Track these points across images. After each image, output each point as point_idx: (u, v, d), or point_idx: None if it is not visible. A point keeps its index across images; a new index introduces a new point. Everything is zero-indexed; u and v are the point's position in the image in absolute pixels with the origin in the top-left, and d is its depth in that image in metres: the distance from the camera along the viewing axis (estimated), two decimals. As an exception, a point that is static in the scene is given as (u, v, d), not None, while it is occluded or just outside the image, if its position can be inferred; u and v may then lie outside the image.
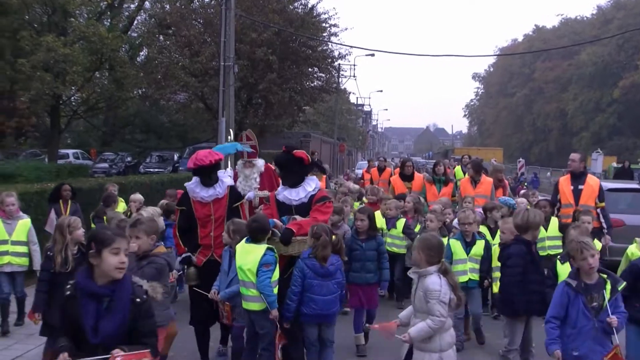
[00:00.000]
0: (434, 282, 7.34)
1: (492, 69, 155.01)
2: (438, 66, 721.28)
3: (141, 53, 46.07)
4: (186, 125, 48.61)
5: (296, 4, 41.81)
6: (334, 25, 42.40)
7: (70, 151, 50.59)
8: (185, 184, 10.44)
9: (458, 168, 21.46)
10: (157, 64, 39.72)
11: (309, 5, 41.86)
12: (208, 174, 10.08)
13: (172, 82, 38.34)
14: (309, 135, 57.06)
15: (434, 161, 20.91)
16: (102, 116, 49.26)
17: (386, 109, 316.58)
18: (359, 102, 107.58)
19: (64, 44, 33.64)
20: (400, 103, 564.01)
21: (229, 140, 12.40)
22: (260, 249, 8.81)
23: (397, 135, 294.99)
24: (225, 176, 10.69)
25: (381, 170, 23.52)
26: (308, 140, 54.48)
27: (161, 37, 42.33)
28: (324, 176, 20.31)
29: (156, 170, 43.48)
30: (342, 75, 57.43)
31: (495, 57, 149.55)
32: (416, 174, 18.88)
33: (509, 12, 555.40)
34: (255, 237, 8.88)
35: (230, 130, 13.86)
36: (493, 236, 12.49)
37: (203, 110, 41.85)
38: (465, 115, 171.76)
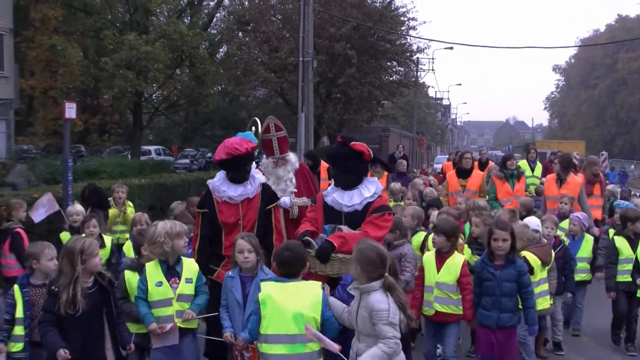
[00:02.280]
0: (380, 300, 6.16)
1: (573, 61, 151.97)
2: (518, 58, 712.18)
3: (221, 50, 46.50)
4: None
5: (374, -2, 41.76)
6: (413, 19, 42.36)
7: (152, 147, 51.42)
8: (209, 182, 8.67)
9: (523, 161, 19.35)
10: (236, 60, 40.05)
11: (387, -1, 41.75)
12: (243, 166, 8.39)
13: (252, 78, 38.66)
14: (388, 129, 56.88)
15: (518, 155, 19.09)
16: (183, 113, 49.92)
17: (465, 103, 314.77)
18: (438, 95, 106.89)
19: (145, 42, 34.16)
20: (479, 96, 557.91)
21: (252, 131, 10.40)
22: (311, 288, 6.51)
23: (476, 128, 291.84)
24: (257, 171, 8.86)
25: (456, 165, 20.19)
26: (387, 134, 54.30)
27: (240, 34, 42.64)
28: (386, 173, 18.28)
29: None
30: (420, 68, 56.96)
31: (576, 48, 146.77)
32: (475, 171, 16.15)
33: (591, 2, 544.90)
34: (289, 271, 6.56)
35: (256, 119, 11.30)
36: (634, 248, 10.88)
37: (282, 105, 42.08)
38: (545, 108, 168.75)
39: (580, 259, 11.41)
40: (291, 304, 6.31)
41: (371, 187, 8.02)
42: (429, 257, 8.63)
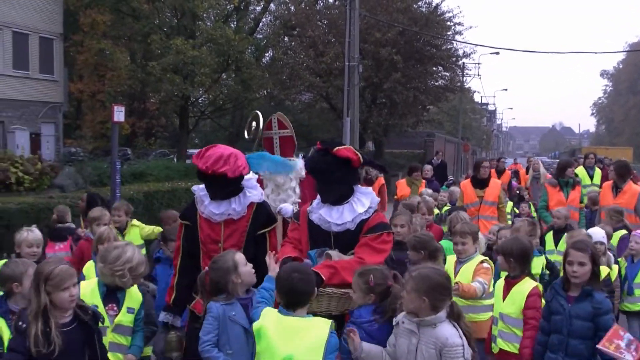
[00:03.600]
0: (452, 334, 5.24)
1: (621, 66, 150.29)
2: (564, 63, 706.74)
3: (267, 54, 46.65)
4: (311, 125, 48.88)
5: (420, 3, 41.72)
6: (459, 24, 42.19)
7: (197, 151, 51.72)
8: (193, 188, 7.07)
9: (581, 168, 17.60)
10: (282, 64, 40.21)
11: (433, 4, 41.67)
12: (221, 188, 6.64)
13: (297, 83, 38.79)
14: (433, 134, 56.63)
15: (560, 160, 17.61)
16: (229, 116, 50.11)
17: (511, 108, 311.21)
18: (484, 101, 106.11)
19: (192, 47, 34.40)
20: (525, 102, 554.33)
21: (251, 128, 9.23)
22: (316, 327, 5.31)
23: (522, 134, 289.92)
24: (254, 185, 7.00)
25: (500, 172, 19.69)
26: (432, 139, 54.11)
27: (286, 38, 42.78)
28: (380, 178, 16.82)
29: (281, 170, 43.99)
30: (466, 74, 56.70)
31: (624, 53, 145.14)
32: (492, 179, 14.10)
33: (639, 7, 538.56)
34: (294, 300, 5.34)
35: (257, 112, 9.69)
36: None
37: (328, 110, 42.14)
38: (592, 114, 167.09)
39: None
40: (284, 344, 5.20)
41: (365, 200, 6.49)
42: (499, 282, 7.25)
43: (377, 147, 45.07)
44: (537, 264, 8.61)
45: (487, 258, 8.14)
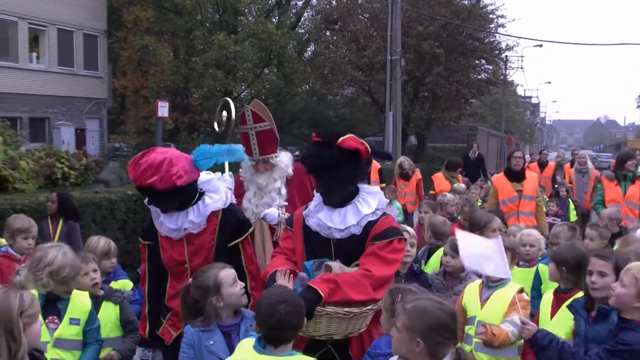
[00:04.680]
0: None
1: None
2: (609, 55, 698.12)
3: (308, 49, 46.70)
4: (353, 120, 48.84)
5: (463, -4, 41.49)
6: (501, 17, 41.97)
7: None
8: (146, 200, 5.77)
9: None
10: (324, 59, 40.20)
11: (476, -3, 41.44)
12: (159, 198, 5.55)
13: (339, 77, 38.77)
14: (476, 128, 56.26)
15: (609, 155, 16.18)
16: (271, 111, 50.20)
17: (555, 101, 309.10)
18: (527, 94, 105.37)
19: (234, 42, 34.58)
20: (569, 95, 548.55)
21: (221, 120, 8.20)
22: None
23: (565, 127, 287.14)
24: (215, 189, 5.87)
25: (543, 165, 18.97)
26: (475, 133, 53.77)
27: (328, 33, 42.78)
28: (417, 172, 16.21)
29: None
30: (509, 67, 56.30)
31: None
32: (528, 172, 12.78)
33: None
34: (277, 336, 4.28)
35: (228, 99, 8.44)
36: None
37: (370, 104, 42.05)
38: (638, 106, 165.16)
39: None
40: None
41: (371, 201, 5.38)
42: (547, 296, 6.07)
43: (419, 141, 44.94)
44: None
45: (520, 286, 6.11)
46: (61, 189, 17.05)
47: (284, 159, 7.57)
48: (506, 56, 50.00)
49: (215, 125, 8.38)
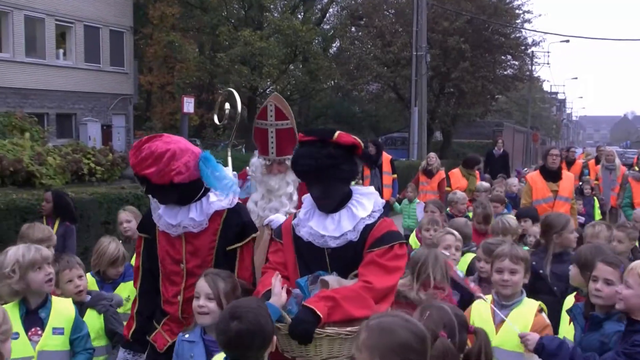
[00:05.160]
0: None
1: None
2: (637, 51, 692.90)
3: (334, 45, 46.72)
4: (378, 116, 48.89)
5: (489, -9, 41.35)
6: (528, 12, 41.83)
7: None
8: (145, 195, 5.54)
9: None
10: (349, 55, 40.22)
11: (502, -8, 41.27)
12: (156, 190, 5.06)
13: (365, 73, 38.74)
14: (502, 124, 56.08)
15: (635, 151, 15.48)
16: (296, 107, 50.24)
17: (581, 97, 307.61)
18: (553, 90, 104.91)
19: (260, 38, 34.67)
20: (596, 90, 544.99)
21: (224, 112, 7.30)
22: None
23: (592, 124, 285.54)
24: (225, 185, 5.12)
25: (570, 163, 18.41)
26: (501, 129, 53.57)
27: (353, 29, 42.77)
28: (441, 172, 15.74)
29: (349, 160, 44.06)
30: (535, 62, 55.95)
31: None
32: (565, 173, 11.83)
33: None
34: (238, 354, 3.96)
35: (232, 90, 7.35)
36: None
37: (395, 100, 42.03)
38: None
39: None
40: None
41: (366, 202, 4.84)
42: (569, 300, 5.81)
43: (444, 137, 44.85)
44: None
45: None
46: (87, 185, 17.16)
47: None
48: (532, 52, 49.81)
49: (216, 119, 7.50)
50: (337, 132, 4.68)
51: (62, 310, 5.17)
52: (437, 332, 3.85)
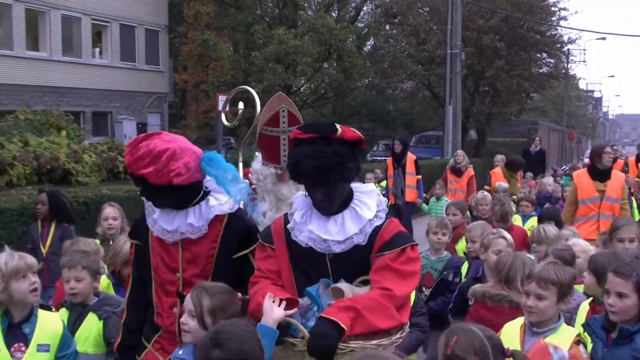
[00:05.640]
0: None
1: None
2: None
3: (368, 43, 46.69)
4: (413, 114, 48.74)
5: (524, -12, 41.10)
6: (563, 9, 41.49)
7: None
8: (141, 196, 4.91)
9: None
10: (383, 53, 40.12)
11: (538, -11, 40.99)
12: (153, 192, 4.61)
13: (399, 71, 38.65)
14: (537, 122, 55.72)
15: None
16: (330, 105, 50.35)
17: (618, 95, 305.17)
18: (589, 88, 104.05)
19: (294, 36, 34.77)
20: (633, 88, 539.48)
21: (227, 114, 6.91)
22: None
23: (629, 122, 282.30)
24: (240, 190, 4.70)
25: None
26: (536, 127, 53.22)
27: (387, 27, 42.67)
28: (470, 169, 15.55)
29: (383, 158, 44.00)
30: (571, 60, 55.57)
31: None
32: (614, 173, 10.87)
33: None
34: None
35: (248, 88, 6.48)
36: None
37: (429, 98, 41.88)
38: None
39: None
40: None
41: (369, 201, 4.32)
42: (584, 307, 5.52)
43: (479, 136, 44.61)
44: None
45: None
46: (123, 182, 17.26)
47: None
48: (568, 49, 49.38)
49: (223, 118, 6.72)
50: (339, 127, 4.16)
51: (48, 325, 4.79)
52: (467, 359, 3.60)
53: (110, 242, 6.97)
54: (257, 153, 5.89)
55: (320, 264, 4.21)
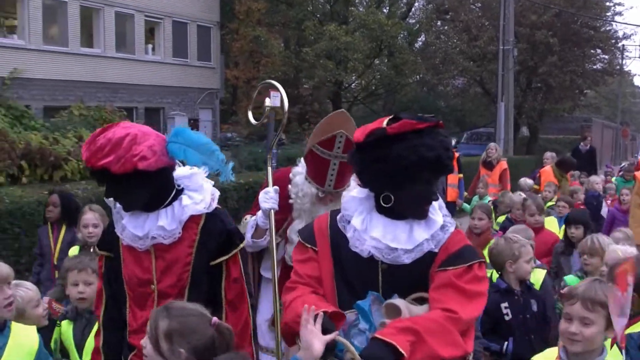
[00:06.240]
0: None
1: None
2: None
3: (419, 39, 46.49)
4: (464, 110, 48.44)
5: (578, -17, 40.65)
6: (618, 4, 41.03)
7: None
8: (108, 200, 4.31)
9: None
10: (435, 49, 39.98)
11: (592, -15, 40.52)
12: (120, 188, 4.09)
13: (450, 67, 38.55)
14: (590, 119, 55.01)
15: None
16: (381, 102, 50.24)
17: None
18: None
19: (345, 32, 34.75)
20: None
21: (263, 111, 5.46)
22: None
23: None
24: (197, 187, 4.29)
25: None
26: (589, 124, 52.61)
27: (439, 23, 42.55)
28: (503, 162, 14.95)
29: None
30: (626, 56, 54.76)
31: None
32: None
33: None
34: None
35: (274, 82, 5.36)
36: None
37: (481, 95, 41.64)
38: None
39: None
40: None
41: (436, 203, 3.72)
42: None
43: (531, 133, 44.24)
44: None
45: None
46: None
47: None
48: (623, 45, 48.73)
49: (250, 116, 5.86)
50: (390, 118, 3.65)
51: (22, 340, 4.29)
52: None
53: (92, 250, 6.21)
54: (301, 161, 5.42)
55: (371, 275, 3.61)
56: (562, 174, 14.19)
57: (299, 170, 5.34)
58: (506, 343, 5.72)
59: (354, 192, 3.85)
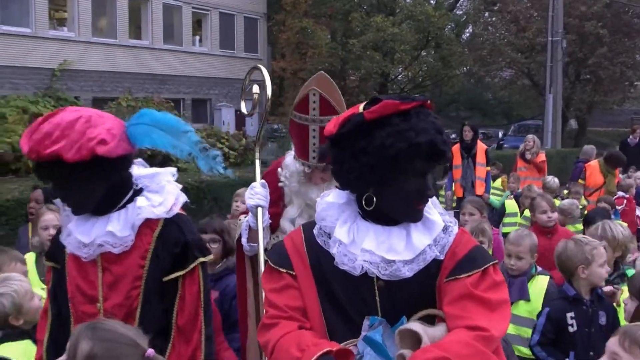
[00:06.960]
0: None
1: None
2: None
3: (466, 30, 46.30)
4: (511, 102, 48.11)
5: (629, -26, 40.06)
6: (671, -7, 40.18)
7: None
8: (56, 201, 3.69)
9: None
10: (482, 40, 39.77)
11: (644, -26, 39.90)
12: (74, 182, 3.36)
13: (498, 59, 38.33)
14: (640, 112, 54.32)
15: None
16: (428, 94, 50.03)
17: None
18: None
19: (392, 24, 34.68)
20: None
21: (254, 101, 5.29)
22: None
23: None
24: (158, 188, 3.67)
25: None
26: (639, 117, 51.87)
27: (487, 14, 42.25)
28: (542, 154, 14.54)
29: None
30: (680, 48, 53.92)
31: None
32: None
33: None
34: None
35: (259, 66, 5.09)
36: None
37: (529, 86, 41.28)
38: None
39: None
40: None
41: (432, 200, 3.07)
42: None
43: (579, 125, 43.77)
44: None
45: None
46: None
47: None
48: (675, 36, 48.03)
49: (243, 106, 5.56)
50: (369, 103, 2.91)
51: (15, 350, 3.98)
52: None
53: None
54: (291, 150, 4.79)
55: (365, 295, 2.93)
56: (609, 170, 13.56)
57: (291, 152, 4.73)
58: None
59: (329, 197, 3.09)
